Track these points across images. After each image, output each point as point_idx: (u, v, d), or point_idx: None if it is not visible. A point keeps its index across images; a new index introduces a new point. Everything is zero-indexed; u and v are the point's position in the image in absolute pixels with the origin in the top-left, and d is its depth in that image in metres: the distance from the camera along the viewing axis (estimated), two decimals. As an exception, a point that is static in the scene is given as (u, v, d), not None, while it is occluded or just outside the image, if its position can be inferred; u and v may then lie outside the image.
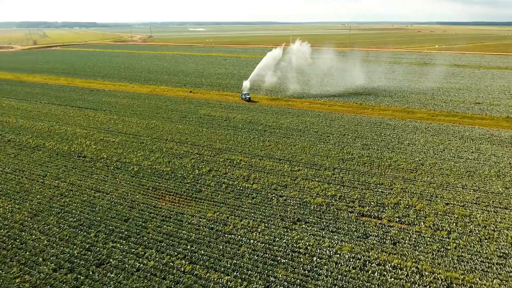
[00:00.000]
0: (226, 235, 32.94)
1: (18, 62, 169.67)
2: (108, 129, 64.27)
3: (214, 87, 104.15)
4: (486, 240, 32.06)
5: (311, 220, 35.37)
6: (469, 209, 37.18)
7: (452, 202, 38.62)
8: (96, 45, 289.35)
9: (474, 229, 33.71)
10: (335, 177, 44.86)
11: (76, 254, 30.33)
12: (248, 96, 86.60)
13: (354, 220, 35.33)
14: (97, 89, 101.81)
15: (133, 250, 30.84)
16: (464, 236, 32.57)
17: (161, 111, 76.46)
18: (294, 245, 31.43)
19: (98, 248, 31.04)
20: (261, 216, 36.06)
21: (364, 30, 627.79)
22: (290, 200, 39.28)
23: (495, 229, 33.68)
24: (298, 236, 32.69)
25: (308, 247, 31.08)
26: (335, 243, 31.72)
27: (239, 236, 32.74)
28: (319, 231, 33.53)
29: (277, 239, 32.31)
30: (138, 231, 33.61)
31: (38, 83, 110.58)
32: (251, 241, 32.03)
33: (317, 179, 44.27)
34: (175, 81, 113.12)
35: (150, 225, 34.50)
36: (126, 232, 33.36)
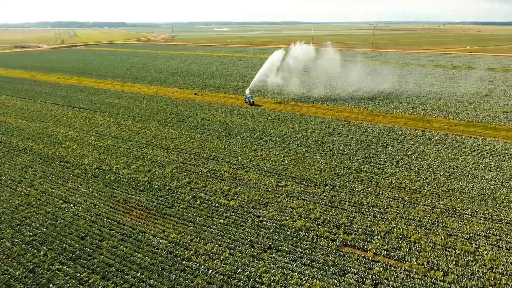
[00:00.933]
0: (184, 262, 29.29)
1: (39, 61, 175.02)
2: (100, 132, 62.58)
3: (220, 89, 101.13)
4: (490, 287, 26.45)
5: (284, 248, 31.02)
6: (475, 244, 31.41)
7: (455, 233, 32.92)
8: (119, 45, 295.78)
9: (478, 270, 28.08)
10: (324, 196, 40.10)
11: (17, 276, 27.81)
12: (251, 100, 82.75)
13: (334, 251, 30.60)
14: (104, 89, 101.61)
15: (78, 275, 27.88)
16: (464, 280, 27.08)
17: (159, 114, 74.19)
18: (257, 279, 27.27)
19: (42, 270, 28.36)
20: (229, 240, 32.14)
21: (391, 30, 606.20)
22: (267, 221, 35.06)
23: (504, 273, 27.89)
24: (264, 268, 28.48)
25: (272, 283, 26.82)
26: (305, 280, 27.24)
27: (197, 264, 29.00)
28: (290, 263, 29.13)
29: (239, 270, 28.27)
30: (91, 251, 30.69)
31: (50, 83, 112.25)
32: (209, 271, 28.19)
33: (303, 197, 39.72)
34: (183, 83, 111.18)
35: (106, 244, 31.52)
36: (78, 252, 30.55)
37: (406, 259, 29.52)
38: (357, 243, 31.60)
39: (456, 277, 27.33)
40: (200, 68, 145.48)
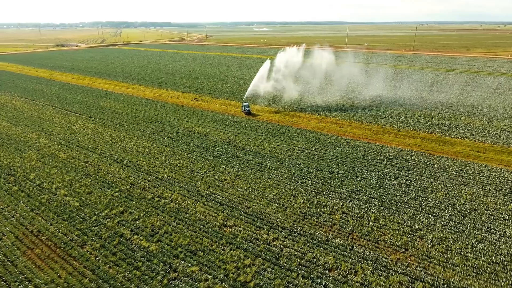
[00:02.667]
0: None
1: (67, 60, 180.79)
2: (70, 140, 58.45)
3: (225, 94, 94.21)
4: None
5: (180, 329, 23.03)
6: None
7: (434, 332, 22.62)
8: (151, 44, 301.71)
9: None
10: (273, 247, 31.24)
11: None
12: (247, 109, 74.70)
13: None
14: (108, 91, 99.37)
15: None
16: None
17: (143, 122, 68.93)
18: None
19: None
20: (118, 307, 24.83)
21: (441, 31, 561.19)
22: (179, 282, 27.14)
23: None
24: None
25: None
26: None
27: None
28: None
29: None
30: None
31: (62, 83, 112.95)
32: None
33: (244, 246, 31.18)
34: (190, 86, 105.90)
35: (-26, 296, 25.78)
36: None
37: None
38: (283, 332, 22.68)
39: None
40: (216, 70, 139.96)
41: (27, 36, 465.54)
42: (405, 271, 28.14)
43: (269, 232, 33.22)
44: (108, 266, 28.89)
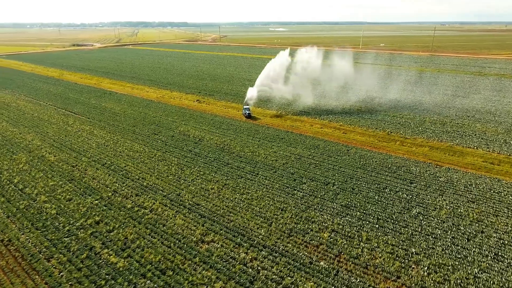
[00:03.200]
0: None
1: (79, 59, 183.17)
2: (63, 143, 57.50)
3: (227, 96, 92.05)
4: None
5: None
6: None
7: None
8: (165, 44, 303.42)
9: None
10: (250, 268, 28.57)
11: None
12: (247, 112, 72.15)
13: None
14: (112, 91, 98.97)
15: None
16: None
17: (140, 124, 67.50)
18: None
19: None
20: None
21: (461, 31, 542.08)
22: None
23: None
24: None
25: None
26: None
27: None
28: None
29: None
30: None
31: (69, 83, 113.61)
32: None
33: (218, 266, 28.62)
34: (194, 87, 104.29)
35: None
36: None
37: None
38: None
39: None
40: (223, 71, 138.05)
41: (47, 35, 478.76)
42: (394, 303, 24.96)
43: (248, 251, 30.57)
44: (70, 283, 27.00)
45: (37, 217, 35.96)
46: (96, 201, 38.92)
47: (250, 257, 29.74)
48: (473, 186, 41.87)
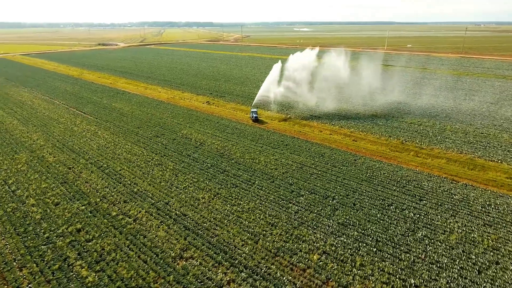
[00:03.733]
0: None
1: (101, 59, 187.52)
2: (66, 143, 57.50)
3: (238, 97, 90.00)
4: None
5: None
6: None
7: None
8: (186, 44, 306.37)
9: None
10: (226, 291, 26.14)
11: None
12: (255, 116, 69.68)
13: None
14: (125, 91, 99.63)
15: None
16: None
17: (144, 126, 66.73)
18: None
19: None
20: None
21: (498, 32, 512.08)
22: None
23: None
24: None
25: None
26: None
27: None
28: None
29: None
30: None
31: (86, 82, 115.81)
32: None
33: (192, 287, 26.42)
34: (207, 88, 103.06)
35: None
36: None
37: None
38: None
39: None
40: (239, 71, 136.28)
41: (77, 35, 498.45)
42: None
43: (228, 271, 28.13)
44: (34, 298, 25.72)
45: (21, 221, 35.30)
46: (83, 207, 37.86)
47: (228, 279, 27.29)
48: (492, 206, 37.24)
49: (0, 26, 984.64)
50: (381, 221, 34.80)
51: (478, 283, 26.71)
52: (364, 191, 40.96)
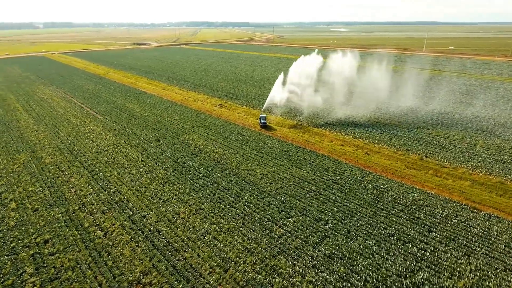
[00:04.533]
0: None
1: (130, 58, 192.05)
2: (67, 144, 57.40)
3: (253, 100, 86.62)
4: None
5: None
6: None
7: None
8: (217, 44, 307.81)
9: None
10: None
11: None
12: (263, 122, 65.89)
13: None
14: (142, 91, 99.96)
15: None
16: None
17: (149, 128, 65.40)
18: None
19: None
20: None
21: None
22: None
23: None
24: None
25: None
26: None
27: None
28: None
29: None
30: None
31: (109, 81, 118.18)
32: None
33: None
34: (223, 90, 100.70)
35: None
36: None
37: None
38: None
39: None
40: (261, 73, 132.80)
41: (117, 34, 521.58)
42: None
43: (184, 305, 24.89)
44: (-25, 318, 24.10)
45: (-6, 227, 34.49)
46: (60, 215, 36.46)
47: (181, 315, 24.04)
48: (520, 246, 30.73)
49: (52, 25, 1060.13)
50: (376, 255, 29.78)
51: None
52: (364, 215, 35.87)
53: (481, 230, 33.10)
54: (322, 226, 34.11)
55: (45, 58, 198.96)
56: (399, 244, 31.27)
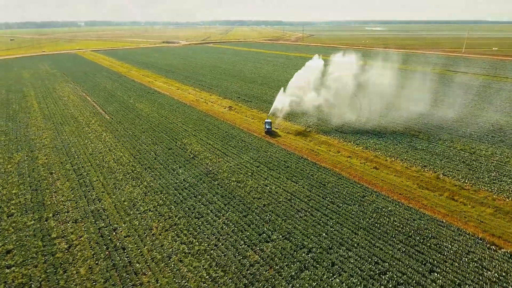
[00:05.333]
0: None
1: (155, 56, 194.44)
2: (66, 146, 56.99)
3: (265, 103, 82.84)
4: None
5: None
6: None
7: None
8: (245, 43, 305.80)
9: None
10: None
11: None
12: (267, 127, 62.02)
13: None
14: (156, 91, 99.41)
15: None
16: None
17: (151, 130, 63.76)
18: None
19: None
20: None
21: None
22: None
23: None
24: None
25: None
26: None
27: None
28: None
29: None
30: None
31: (128, 79, 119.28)
32: None
33: None
34: (237, 91, 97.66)
35: None
36: None
37: None
38: None
39: None
40: (282, 74, 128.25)
41: (150, 33, 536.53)
42: None
43: None
44: None
45: (-33, 232, 33.70)
46: (32, 222, 35.12)
47: None
48: (544, 301, 24.75)
49: (92, 24, 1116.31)
50: (359, 298, 25.18)
51: None
52: (355, 244, 31.14)
53: (496, 275, 27.31)
54: (303, 255, 29.89)
55: (77, 55, 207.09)
56: (390, 286, 26.39)
